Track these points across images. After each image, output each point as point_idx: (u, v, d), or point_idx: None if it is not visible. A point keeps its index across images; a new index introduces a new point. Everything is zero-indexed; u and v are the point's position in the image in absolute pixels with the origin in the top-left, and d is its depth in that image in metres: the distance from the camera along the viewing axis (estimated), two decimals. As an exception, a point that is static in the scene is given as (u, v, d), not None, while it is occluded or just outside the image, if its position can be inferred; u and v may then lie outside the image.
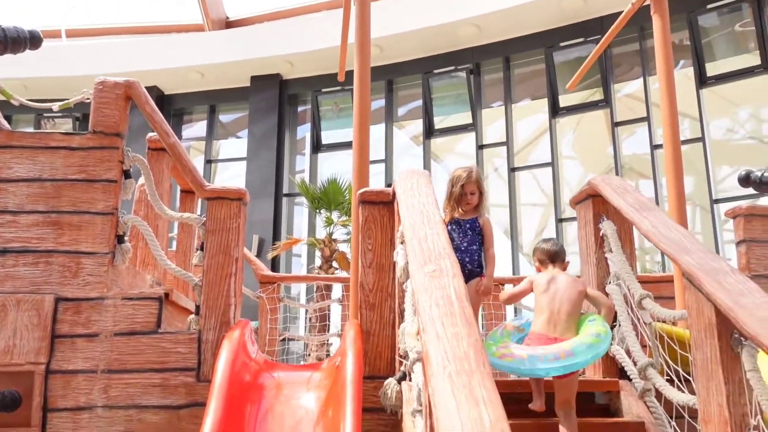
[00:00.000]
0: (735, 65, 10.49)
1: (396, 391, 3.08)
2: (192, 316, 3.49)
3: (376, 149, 12.45)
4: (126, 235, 3.60)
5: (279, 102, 13.26)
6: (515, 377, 3.44)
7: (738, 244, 3.97)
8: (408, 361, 2.92)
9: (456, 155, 12.63)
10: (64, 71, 13.05)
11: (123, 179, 3.61)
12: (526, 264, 11.18)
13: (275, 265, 12.00)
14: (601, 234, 3.59)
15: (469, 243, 3.59)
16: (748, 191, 6.43)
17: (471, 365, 1.73)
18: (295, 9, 13.03)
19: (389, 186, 3.56)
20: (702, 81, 10.55)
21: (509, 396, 3.30)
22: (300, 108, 13.74)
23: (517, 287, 3.33)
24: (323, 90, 13.04)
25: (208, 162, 13.87)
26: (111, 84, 3.65)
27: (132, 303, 3.41)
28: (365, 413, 3.08)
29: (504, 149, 11.89)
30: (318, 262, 11.17)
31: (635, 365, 3.15)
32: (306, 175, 13.05)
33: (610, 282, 3.49)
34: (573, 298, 3.07)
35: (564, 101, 11.66)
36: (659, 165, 10.27)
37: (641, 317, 3.10)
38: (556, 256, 3.28)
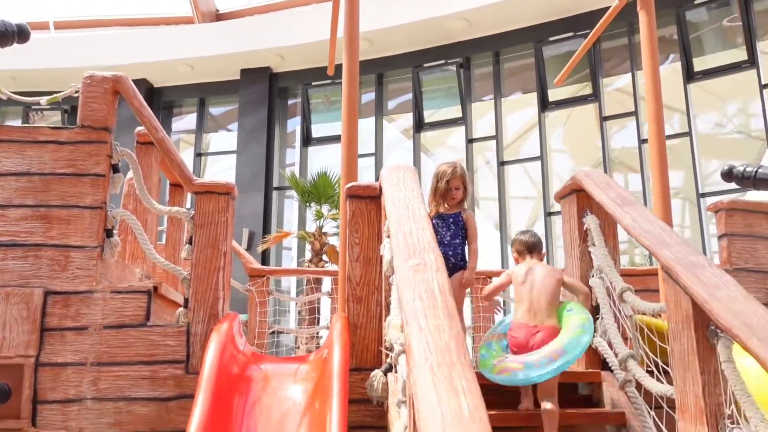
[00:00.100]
0: (723, 60, 10.56)
1: (382, 383, 3.13)
2: (181, 309, 3.52)
3: (366, 143, 12.47)
4: (115, 229, 3.62)
5: (269, 95, 13.24)
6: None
7: (720, 238, 4.03)
8: (393, 354, 2.97)
9: (446, 149, 12.67)
10: (53, 63, 12.98)
11: (111, 173, 3.63)
12: (515, 257, 11.24)
13: (265, 258, 12.01)
14: (585, 228, 3.64)
15: (453, 237, 3.64)
16: (734, 186, 6.50)
17: (452, 357, 1.77)
18: (285, 2, 13.00)
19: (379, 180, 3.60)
20: (689, 76, 10.62)
21: (494, 388, 3.36)
22: (290, 101, 13.73)
23: (496, 281, 3.42)
24: (313, 83, 13.04)
25: (198, 155, 13.83)
26: (99, 78, 3.66)
27: (121, 296, 3.43)
28: (352, 404, 3.13)
29: (493, 143, 11.94)
30: (308, 255, 11.19)
31: (616, 357, 3.21)
32: (296, 169, 13.06)
33: (593, 275, 3.54)
34: (550, 286, 3.16)
35: (553, 95, 11.71)
36: (647, 159, 10.35)
37: (622, 310, 3.17)
38: (533, 247, 3.38)
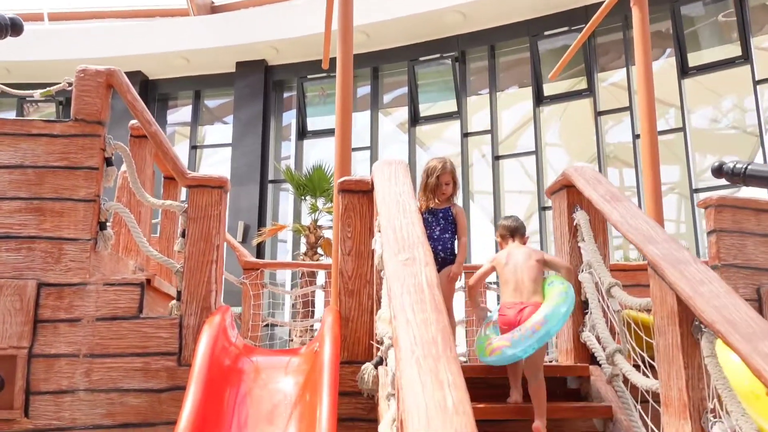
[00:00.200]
0: (718, 55, 10.59)
1: (373, 376, 3.16)
2: (173, 301, 3.54)
3: (361, 136, 12.48)
4: (108, 222, 3.64)
5: (264, 88, 13.23)
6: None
7: (709, 234, 4.06)
8: (383, 347, 3.00)
9: (441, 142, 12.68)
10: (48, 55, 12.95)
11: (105, 166, 3.64)
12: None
13: (261, 251, 12.03)
14: (575, 223, 3.67)
15: (442, 231, 3.67)
16: (726, 182, 6.52)
17: (438, 350, 1.80)
18: (281, -6, 12.99)
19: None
20: (684, 71, 10.65)
21: (484, 381, 3.40)
22: (285, 94, 13.72)
23: (481, 269, 3.47)
24: (309, 76, 13.04)
25: (193, 148, 13.83)
26: (92, 72, 3.67)
27: (114, 288, 3.45)
28: (343, 397, 3.16)
29: (488, 137, 11.96)
30: (303, 248, 11.21)
31: (604, 351, 3.25)
32: (291, 162, 13.06)
33: (582, 270, 3.58)
34: (532, 265, 3.26)
35: (548, 90, 11.73)
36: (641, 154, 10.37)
37: (610, 305, 3.20)
38: (515, 230, 3.48)
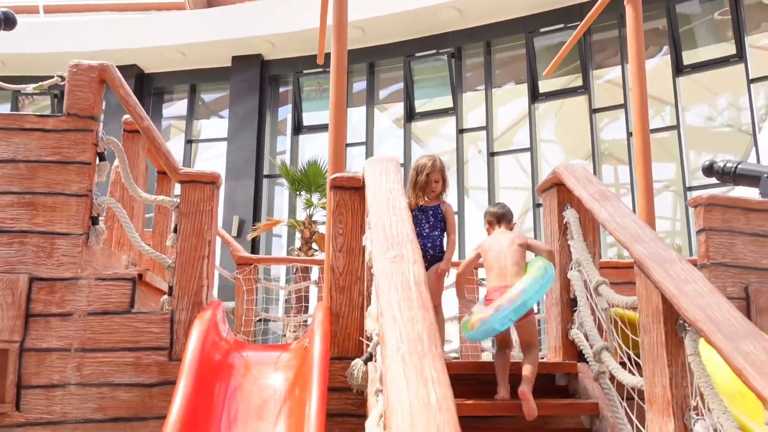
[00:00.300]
0: (713, 53, 10.62)
1: (362, 372, 3.19)
2: (165, 296, 3.56)
3: (357, 132, 12.48)
4: (101, 217, 3.65)
5: (260, 83, 13.22)
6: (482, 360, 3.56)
7: (698, 232, 4.09)
8: (372, 343, 3.03)
9: (437, 138, 12.70)
10: (43, 48, 12.91)
11: (97, 161, 3.65)
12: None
13: (256, 246, 12.04)
14: (565, 222, 3.69)
15: (431, 229, 3.70)
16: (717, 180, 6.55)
17: (423, 347, 1.82)
18: (277, -11, 12.95)
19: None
20: (679, 69, 10.68)
21: (475, 377, 3.43)
22: (281, 89, 13.71)
23: (466, 258, 3.52)
24: (305, 71, 13.02)
25: (188, 142, 13.81)
26: (85, 67, 3.67)
27: (106, 283, 3.47)
28: (333, 392, 3.18)
29: (484, 133, 11.98)
30: (298, 243, 11.23)
31: (592, 348, 3.28)
32: (287, 157, 13.06)
33: (571, 268, 3.60)
34: (515, 249, 3.33)
35: (544, 87, 11.74)
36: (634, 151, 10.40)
37: (598, 303, 3.23)
38: (501, 217, 3.54)
